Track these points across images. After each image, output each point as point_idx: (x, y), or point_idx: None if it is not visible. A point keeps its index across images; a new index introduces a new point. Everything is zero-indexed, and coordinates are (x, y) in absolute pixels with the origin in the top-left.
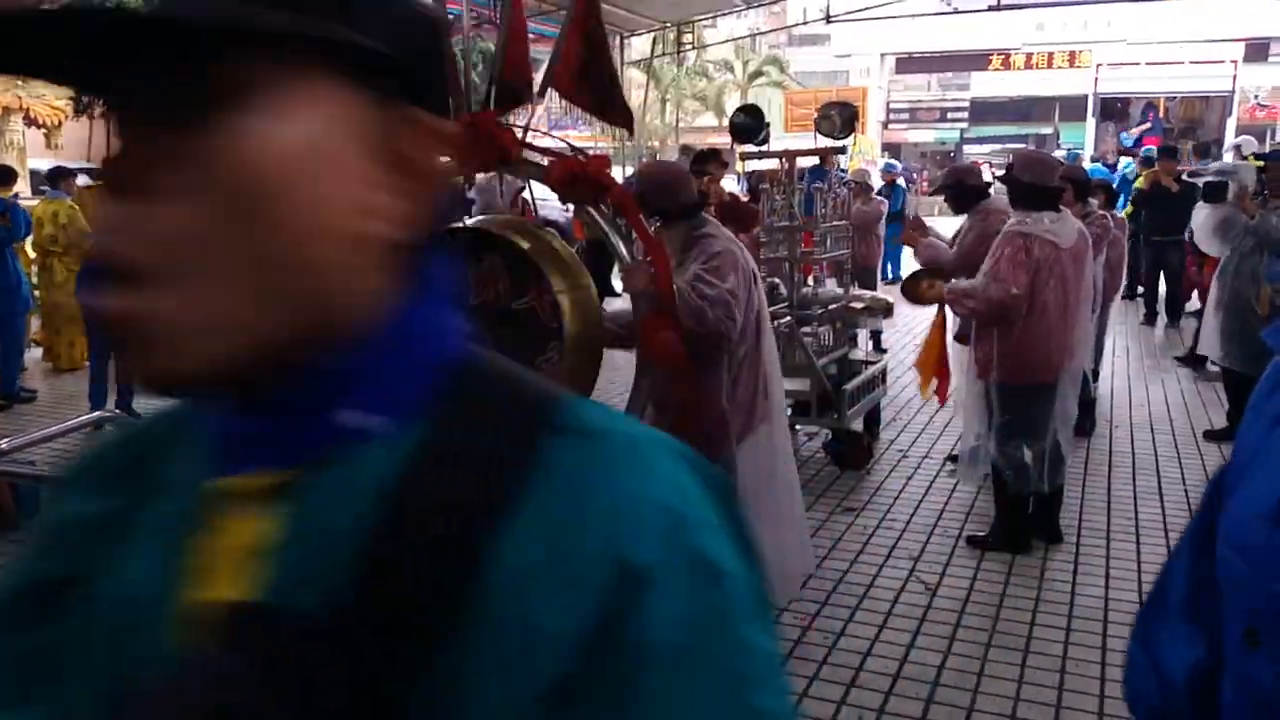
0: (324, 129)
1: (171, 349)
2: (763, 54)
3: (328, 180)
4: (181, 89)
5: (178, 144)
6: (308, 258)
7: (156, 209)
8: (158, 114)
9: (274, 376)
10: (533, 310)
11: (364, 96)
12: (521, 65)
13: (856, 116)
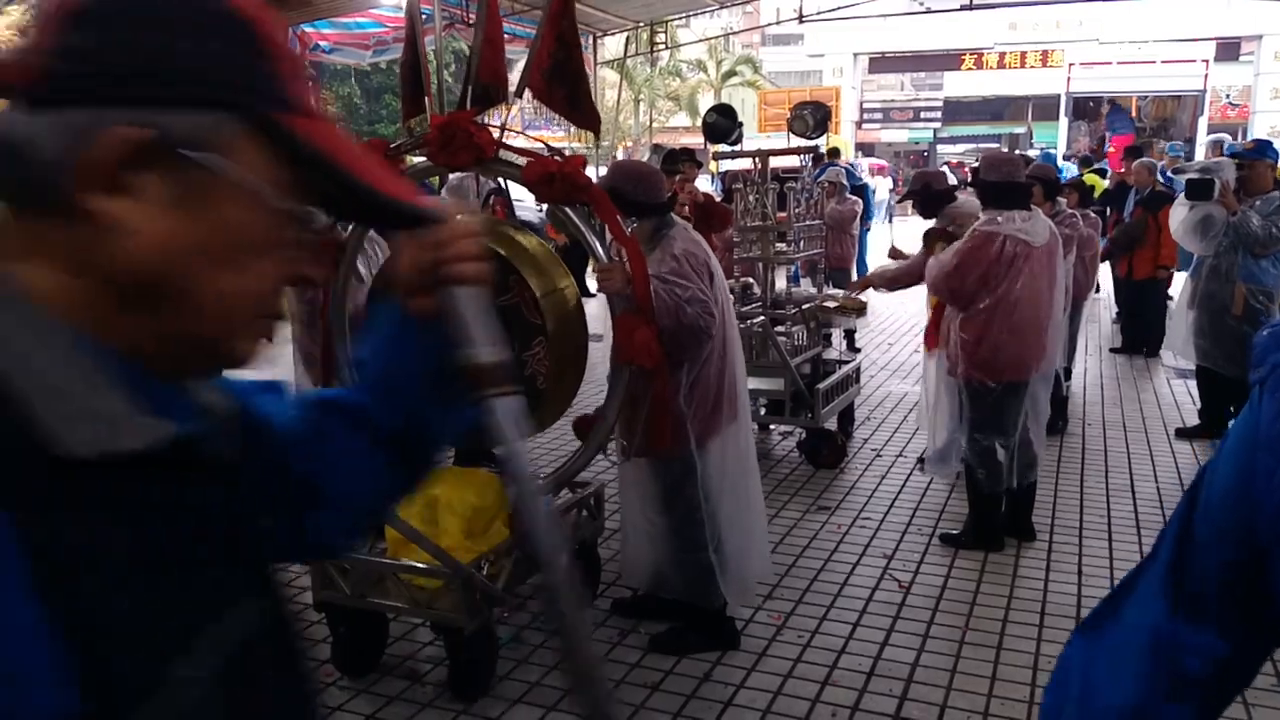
0: None
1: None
2: (736, 54)
3: None
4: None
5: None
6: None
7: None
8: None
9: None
10: (517, 306)
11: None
12: (497, 66)
13: (830, 116)
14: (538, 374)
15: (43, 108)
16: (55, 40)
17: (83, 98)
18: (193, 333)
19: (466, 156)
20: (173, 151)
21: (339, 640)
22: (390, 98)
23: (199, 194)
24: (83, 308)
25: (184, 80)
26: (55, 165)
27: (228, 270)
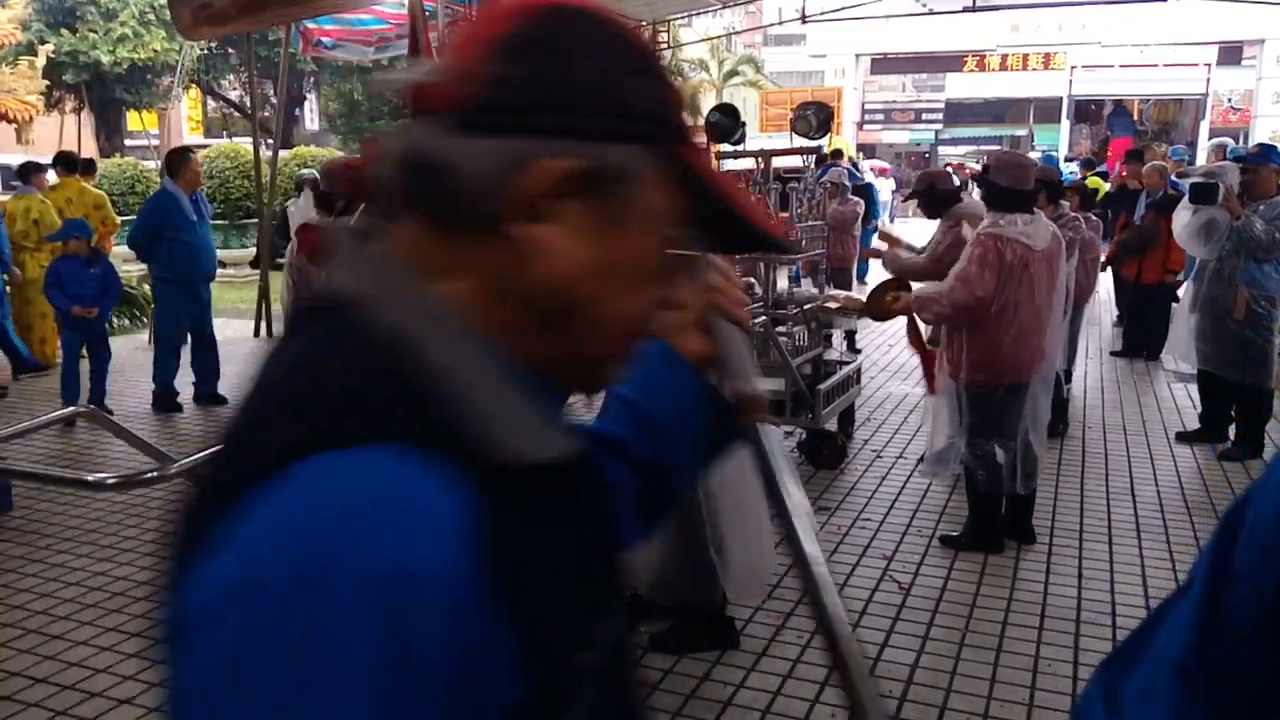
0: None
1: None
2: (738, 53)
3: None
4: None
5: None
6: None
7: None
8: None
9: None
10: None
11: None
12: None
13: (832, 117)
14: None
15: (471, 132)
16: (487, 67)
17: (515, 126)
18: (590, 352)
19: None
20: (598, 182)
21: None
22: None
23: (614, 222)
24: (498, 324)
25: (615, 114)
26: (485, 190)
27: (627, 294)
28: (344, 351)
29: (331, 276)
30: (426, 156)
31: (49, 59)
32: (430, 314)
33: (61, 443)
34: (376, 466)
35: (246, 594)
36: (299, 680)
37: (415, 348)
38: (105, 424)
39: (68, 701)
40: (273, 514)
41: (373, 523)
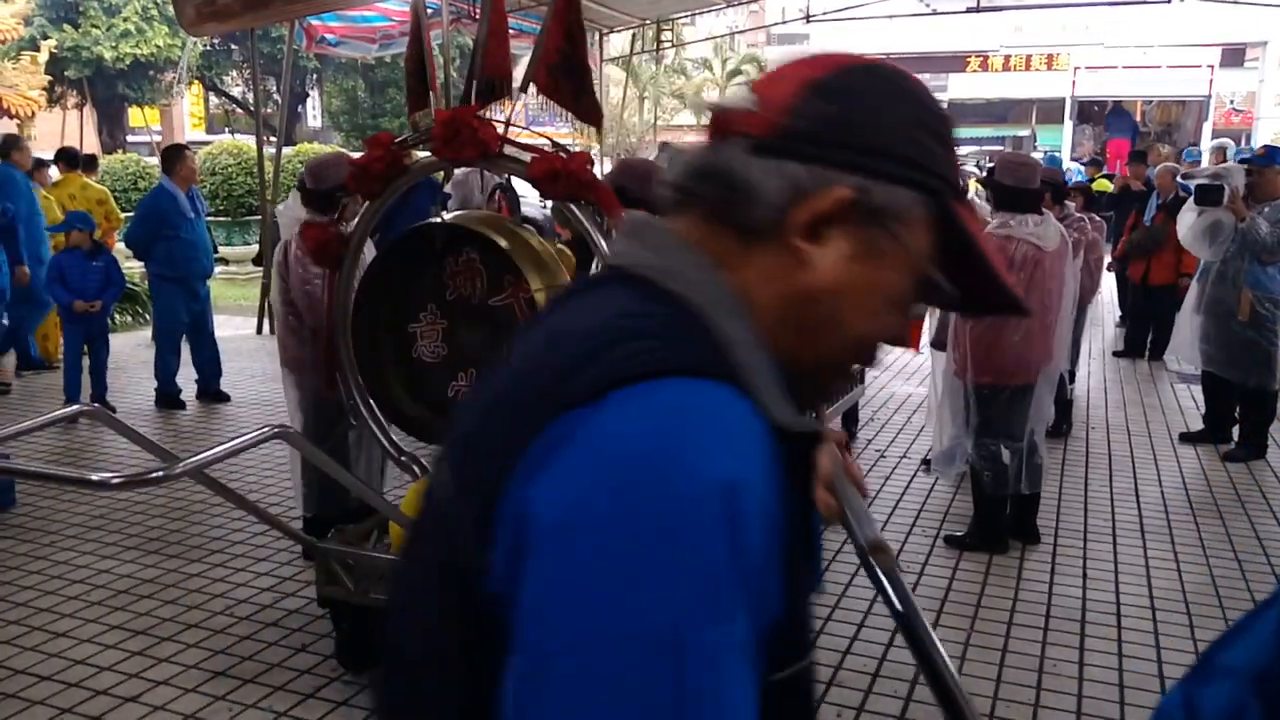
0: None
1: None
2: (741, 52)
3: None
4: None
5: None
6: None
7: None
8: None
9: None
10: (510, 307)
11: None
12: (502, 60)
13: None
14: None
15: (765, 154)
16: (796, 103)
17: (813, 155)
18: (826, 361)
19: (471, 151)
20: (874, 215)
21: (342, 635)
22: (394, 91)
23: (879, 253)
24: (761, 317)
25: (900, 161)
26: (776, 205)
27: (874, 319)
28: (653, 309)
29: (623, 250)
30: (726, 170)
31: (52, 54)
32: (718, 294)
33: (64, 440)
34: (706, 391)
35: (610, 494)
36: (655, 569)
37: (708, 316)
38: (109, 422)
39: (73, 699)
40: (620, 428)
41: (710, 433)
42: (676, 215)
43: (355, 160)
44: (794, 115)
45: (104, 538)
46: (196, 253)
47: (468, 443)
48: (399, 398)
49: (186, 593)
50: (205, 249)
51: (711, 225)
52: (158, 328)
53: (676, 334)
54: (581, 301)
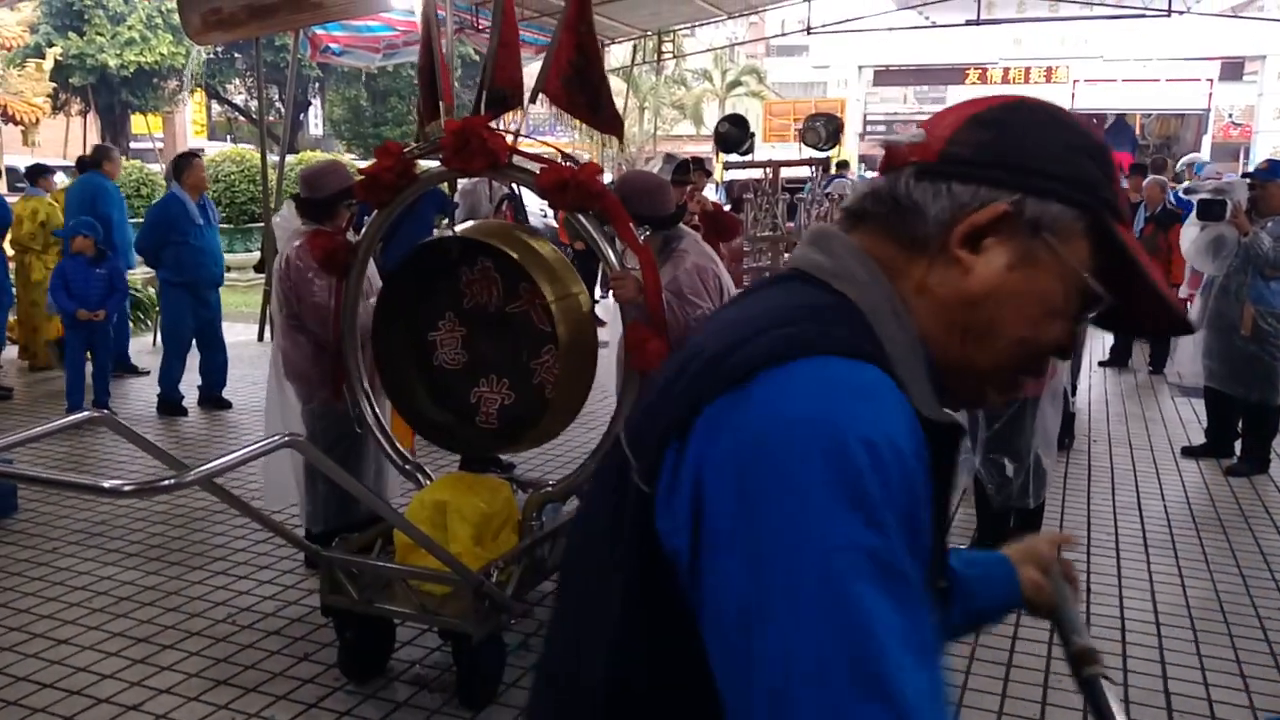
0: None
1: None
2: (741, 64)
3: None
4: None
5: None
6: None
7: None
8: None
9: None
10: (526, 314)
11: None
12: (512, 71)
13: (841, 128)
14: (545, 382)
15: (930, 178)
16: (957, 133)
17: (968, 175)
18: (983, 367)
19: (481, 162)
20: (1033, 228)
21: (345, 645)
22: (396, 100)
23: (1038, 264)
24: (923, 322)
25: (1052, 179)
26: (938, 219)
27: (1028, 323)
28: (823, 302)
29: (801, 255)
30: (895, 192)
31: (56, 62)
32: (883, 297)
33: (66, 445)
34: (867, 367)
35: (784, 434)
36: (819, 492)
37: (871, 315)
38: (118, 429)
39: (74, 707)
40: (792, 386)
41: (864, 399)
42: (851, 232)
43: (365, 169)
44: (955, 143)
45: (106, 544)
46: (205, 259)
47: (649, 411)
48: (423, 405)
49: (188, 600)
50: (215, 256)
51: (881, 239)
52: (164, 333)
53: (841, 324)
54: (759, 295)
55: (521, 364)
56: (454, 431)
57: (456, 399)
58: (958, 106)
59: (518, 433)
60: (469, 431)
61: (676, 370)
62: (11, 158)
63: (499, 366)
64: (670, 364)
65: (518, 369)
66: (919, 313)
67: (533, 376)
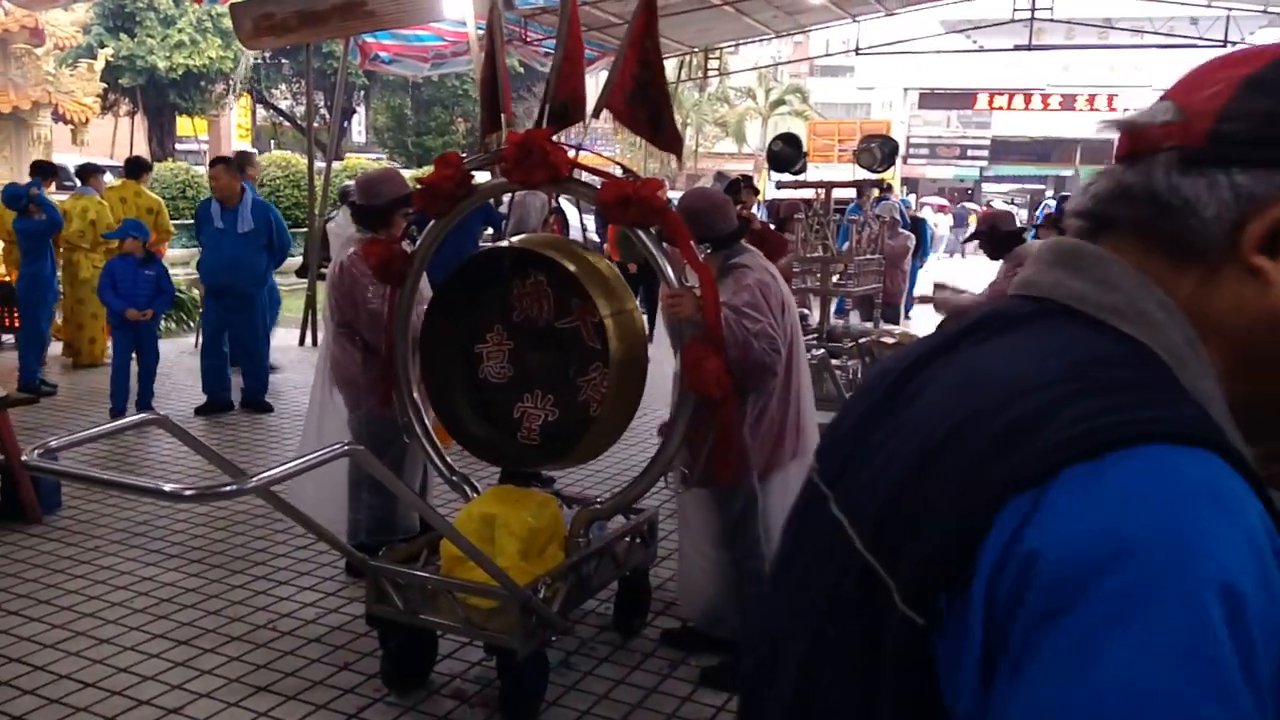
0: None
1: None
2: (785, 83)
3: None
4: None
5: None
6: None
7: None
8: None
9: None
10: (577, 330)
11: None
12: (576, 84)
13: (896, 150)
14: (591, 400)
15: (1198, 166)
16: (1230, 105)
17: (1255, 159)
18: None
19: (542, 174)
20: None
21: (389, 655)
22: (440, 110)
23: None
24: (1214, 350)
25: None
26: (1220, 220)
27: None
28: (1114, 355)
29: (1053, 281)
30: (1150, 189)
31: (107, 63)
32: (1186, 339)
33: (109, 444)
34: (1210, 461)
35: (1123, 555)
36: (1162, 638)
37: (1178, 368)
38: (175, 432)
39: (116, 708)
40: (1118, 498)
41: (1223, 515)
42: (1105, 240)
43: (425, 179)
44: (1229, 118)
45: (148, 545)
46: (220, 266)
47: (898, 496)
48: (465, 417)
49: (229, 604)
50: (235, 264)
51: (1140, 250)
52: (201, 336)
53: (1152, 387)
54: (1008, 340)
55: (568, 380)
56: (495, 445)
57: (499, 413)
58: (1214, 69)
59: (559, 450)
60: (510, 446)
61: (927, 442)
62: (60, 156)
63: (545, 382)
64: (911, 425)
65: (564, 385)
66: (1206, 340)
67: (579, 394)
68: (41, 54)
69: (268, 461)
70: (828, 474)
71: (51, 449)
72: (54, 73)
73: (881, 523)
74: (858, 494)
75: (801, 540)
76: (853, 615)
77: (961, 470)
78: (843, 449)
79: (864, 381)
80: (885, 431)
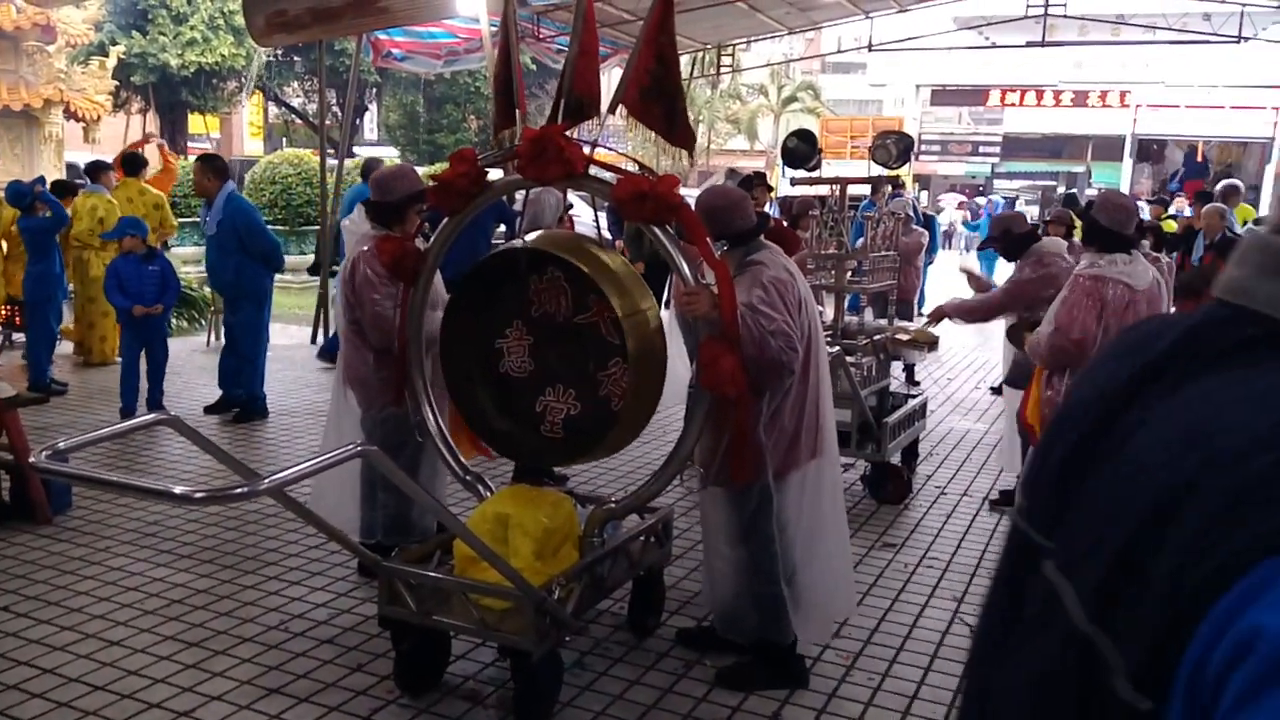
0: None
1: None
2: (797, 80)
3: None
4: None
5: None
6: None
7: None
8: None
9: None
10: (595, 325)
11: None
12: (591, 79)
13: (912, 146)
14: (613, 395)
15: None
16: None
17: None
18: None
19: (557, 170)
20: None
21: (401, 657)
22: (452, 108)
23: None
24: None
25: None
26: None
27: None
28: None
29: (1265, 294)
30: None
31: (119, 60)
32: None
33: (120, 444)
34: None
35: None
36: None
37: None
38: (185, 432)
39: (125, 711)
40: None
41: None
42: None
43: (439, 175)
44: None
45: (158, 546)
46: (207, 267)
47: (1121, 558)
48: (487, 412)
49: (241, 605)
50: (210, 266)
51: None
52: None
53: None
54: (1234, 378)
55: (588, 375)
56: (518, 440)
57: (522, 407)
58: None
59: (582, 444)
60: (534, 440)
61: (1157, 498)
62: (71, 154)
63: (566, 377)
64: (1132, 474)
65: (585, 380)
66: None
67: (599, 388)
68: (53, 51)
69: (281, 461)
70: (1038, 520)
71: (60, 450)
72: (66, 70)
73: (1106, 591)
74: (1076, 553)
75: (1008, 596)
76: (1067, 693)
77: (1197, 535)
78: (1052, 491)
79: (1062, 408)
80: (1100, 477)
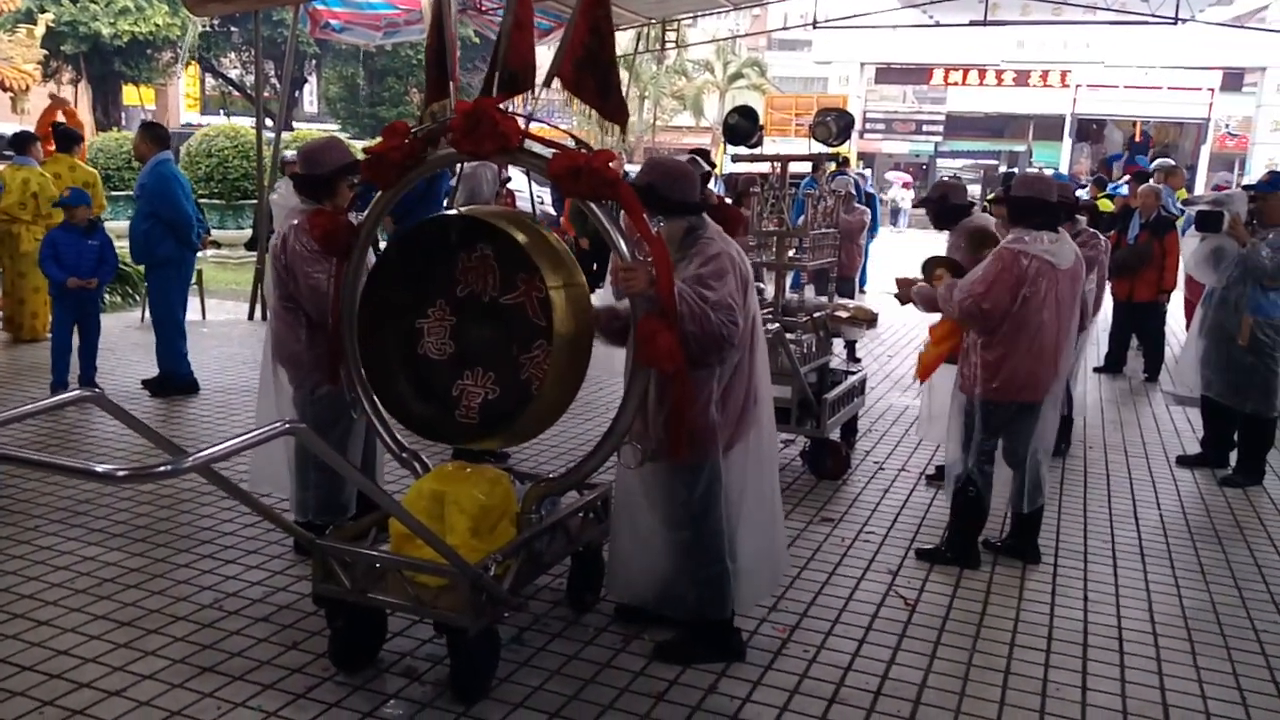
0: None
1: None
2: (743, 56)
3: None
4: None
5: None
6: None
7: None
8: None
9: None
10: (521, 306)
11: None
12: (526, 52)
13: (853, 124)
14: (534, 378)
15: None
16: None
17: None
18: None
19: (491, 144)
20: None
21: (336, 635)
22: (393, 80)
23: None
24: None
25: None
26: None
27: None
28: None
29: None
30: None
31: (48, 28)
32: None
33: (50, 422)
34: None
35: None
36: None
37: None
38: (110, 409)
39: (55, 691)
40: None
41: None
42: None
43: (371, 148)
44: None
45: (89, 525)
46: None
47: None
48: (405, 395)
49: (174, 584)
50: (130, 230)
51: None
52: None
53: None
54: None
55: (510, 357)
56: (434, 423)
57: (439, 390)
58: None
59: (499, 428)
60: (448, 425)
61: None
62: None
63: (486, 359)
64: None
65: (506, 362)
66: None
67: (520, 371)
68: None
69: (215, 438)
70: None
71: None
72: None
73: None
74: None
75: None
76: None
77: None
78: None
79: None
80: None
